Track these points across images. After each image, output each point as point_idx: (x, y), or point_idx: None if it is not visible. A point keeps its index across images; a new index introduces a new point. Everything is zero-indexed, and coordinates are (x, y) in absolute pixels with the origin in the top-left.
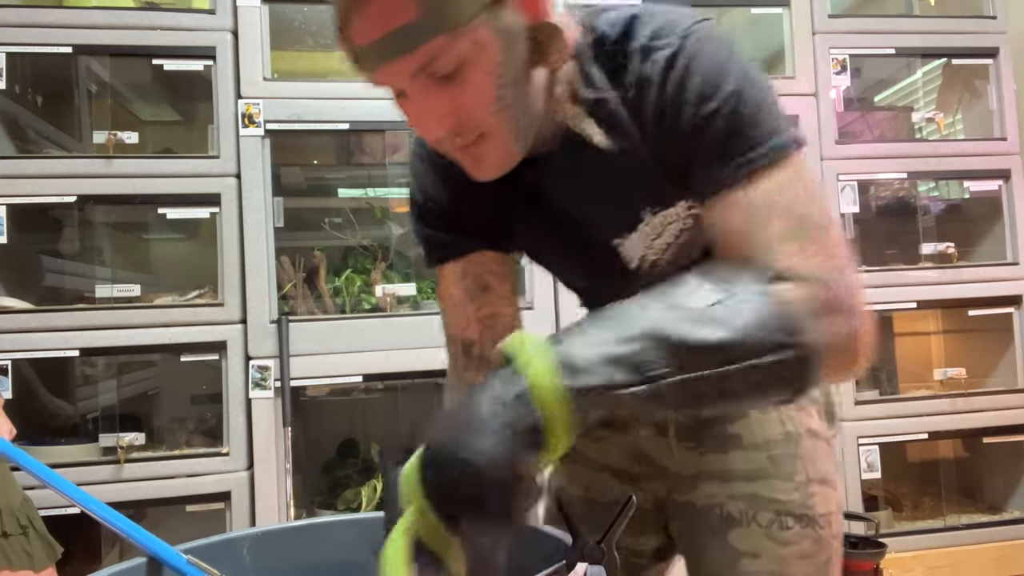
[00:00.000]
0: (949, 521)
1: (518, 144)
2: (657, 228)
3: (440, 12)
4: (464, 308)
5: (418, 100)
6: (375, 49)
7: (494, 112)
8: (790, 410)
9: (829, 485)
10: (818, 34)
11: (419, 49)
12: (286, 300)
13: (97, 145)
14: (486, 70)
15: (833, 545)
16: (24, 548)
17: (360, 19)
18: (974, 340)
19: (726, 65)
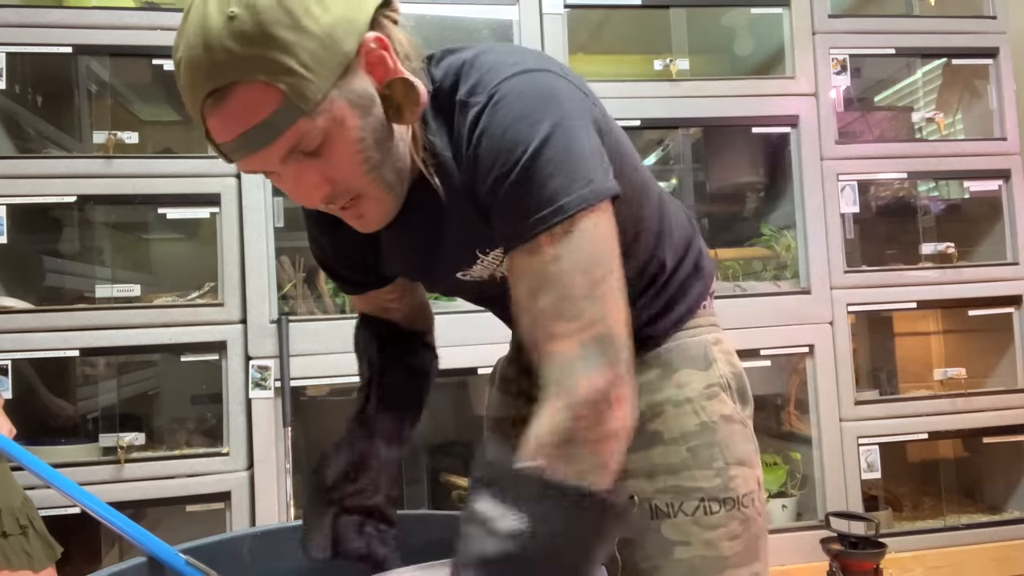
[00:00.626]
0: (949, 521)
1: (392, 196)
2: (492, 264)
3: (295, 100)
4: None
5: (291, 177)
6: (239, 144)
7: (363, 174)
8: (702, 400)
9: (748, 465)
10: (818, 34)
11: (281, 137)
12: (286, 300)
13: (97, 145)
14: (348, 139)
15: (759, 522)
16: (24, 548)
17: (218, 120)
18: (974, 340)
19: (518, 128)
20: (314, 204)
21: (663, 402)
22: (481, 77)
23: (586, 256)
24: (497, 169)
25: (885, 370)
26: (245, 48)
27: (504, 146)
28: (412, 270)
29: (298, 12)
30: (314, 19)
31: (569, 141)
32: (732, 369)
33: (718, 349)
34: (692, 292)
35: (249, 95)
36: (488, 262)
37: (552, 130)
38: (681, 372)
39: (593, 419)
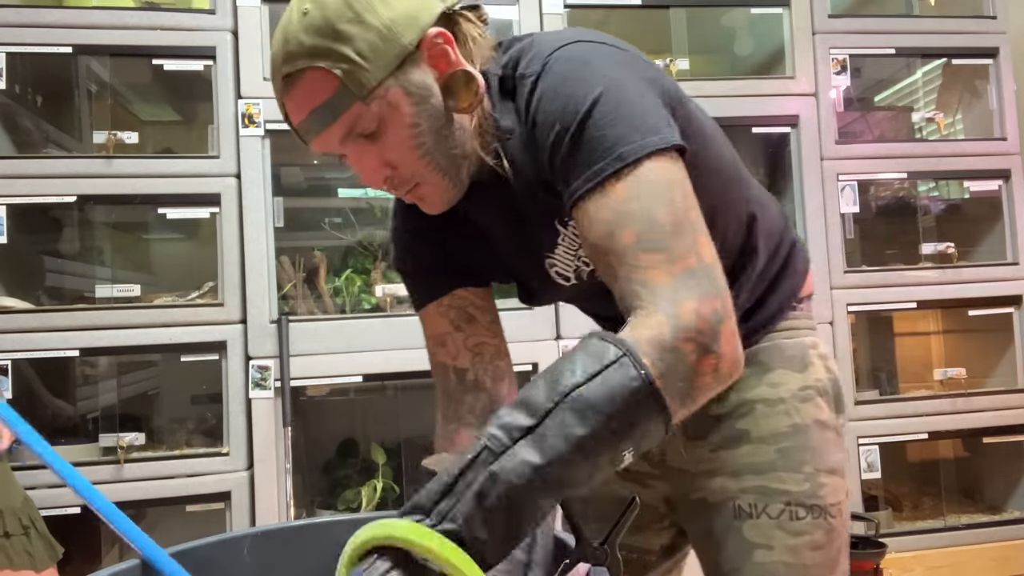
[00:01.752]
0: (949, 521)
1: (450, 182)
2: (576, 240)
3: (351, 86)
4: (453, 337)
5: (353, 159)
6: (305, 126)
7: (417, 160)
8: (796, 402)
9: (838, 475)
10: (818, 34)
11: (339, 119)
12: (286, 300)
13: (97, 145)
14: (402, 124)
15: (843, 535)
16: (26, 548)
17: (290, 103)
18: (974, 340)
19: (572, 84)
20: (377, 186)
21: (754, 400)
22: (537, 51)
23: (661, 193)
24: (557, 128)
25: (885, 370)
26: (312, 38)
27: (560, 105)
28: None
29: (360, 8)
30: (375, 15)
31: (625, 94)
32: (829, 374)
33: (815, 353)
34: (783, 289)
35: (313, 80)
36: (571, 237)
37: (608, 85)
38: (776, 372)
39: (697, 346)
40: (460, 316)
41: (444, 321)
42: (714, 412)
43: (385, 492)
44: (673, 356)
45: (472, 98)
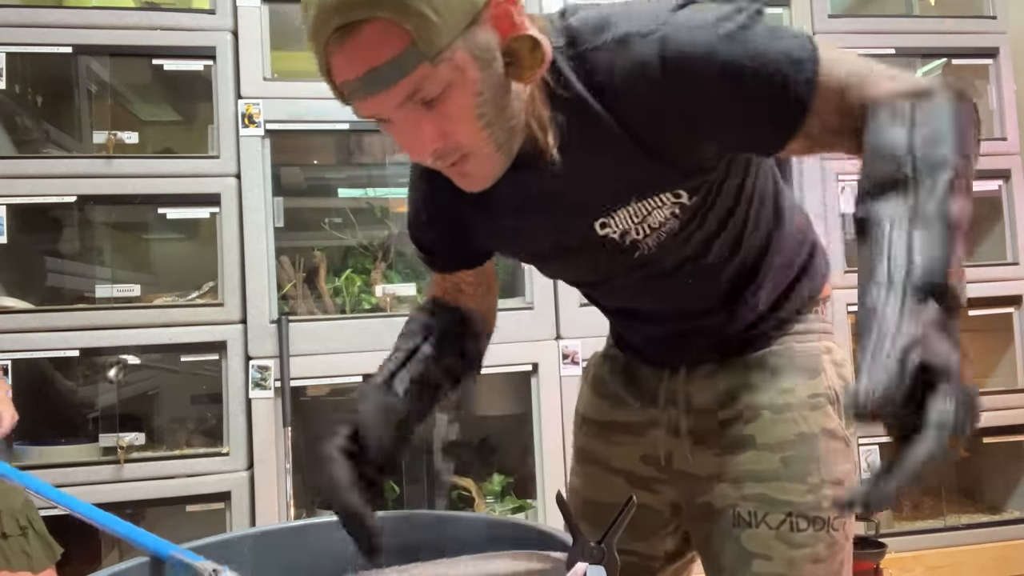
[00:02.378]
0: (949, 521)
1: (501, 157)
2: (641, 212)
3: (420, 43)
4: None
5: (404, 126)
6: (360, 84)
7: (477, 131)
8: (805, 410)
9: (844, 487)
10: (818, 34)
11: (403, 81)
12: (286, 300)
13: (97, 145)
14: (467, 91)
15: (846, 549)
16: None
17: (342, 57)
18: (974, 340)
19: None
20: (423, 157)
21: (762, 406)
22: (642, 15)
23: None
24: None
25: None
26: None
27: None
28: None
29: None
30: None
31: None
32: (842, 382)
33: (828, 359)
34: (800, 291)
35: (376, 33)
36: (638, 208)
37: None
38: (786, 378)
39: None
40: (453, 288)
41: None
42: (722, 416)
43: (385, 492)
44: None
45: (538, 67)
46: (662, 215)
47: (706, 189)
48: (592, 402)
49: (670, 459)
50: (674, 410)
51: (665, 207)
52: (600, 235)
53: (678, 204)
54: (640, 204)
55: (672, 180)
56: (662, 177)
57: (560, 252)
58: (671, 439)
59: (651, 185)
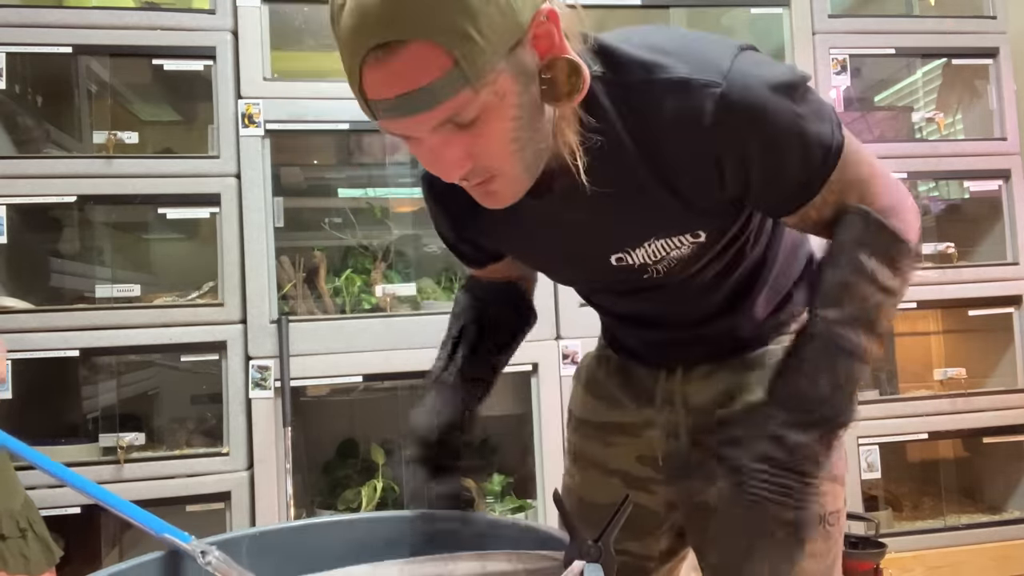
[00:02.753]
0: (949, 521)
1: (527, 178)
2: (660, 251)
3: (464, 68)
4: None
5: (434, 148)
6: (395, 104)
7: (509, 154)
8: None
9: (838, 482)
10: (818, 34)
11: (441, 106)
12: (286, 300)
13: (97, 145)
14: (505, 116)
15: (840, 543)
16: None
17: (379, 75)
18: (974, 340)
19: (778, 109)
20: (450, 179)
21: None
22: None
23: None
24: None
25: (885, 370)
26: (426, 3)
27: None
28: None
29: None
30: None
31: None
32: None
33: None
34: (796, 299)
35: (419, 55)
36: (655, 247)
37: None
38: None
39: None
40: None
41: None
42: (719, 415)
43: (385, 492)
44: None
45: (576, 92)
46: (679, 253)
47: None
48: (587, 403)
49: (666, 458)
50: (671, 410)
51: (684, 247)
52: (615, 266)
53: (696, 243)
54: (659, 243)
55: (693, 222)
56: (683, 218)
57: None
58: (667, 439)
59: (672, 226)
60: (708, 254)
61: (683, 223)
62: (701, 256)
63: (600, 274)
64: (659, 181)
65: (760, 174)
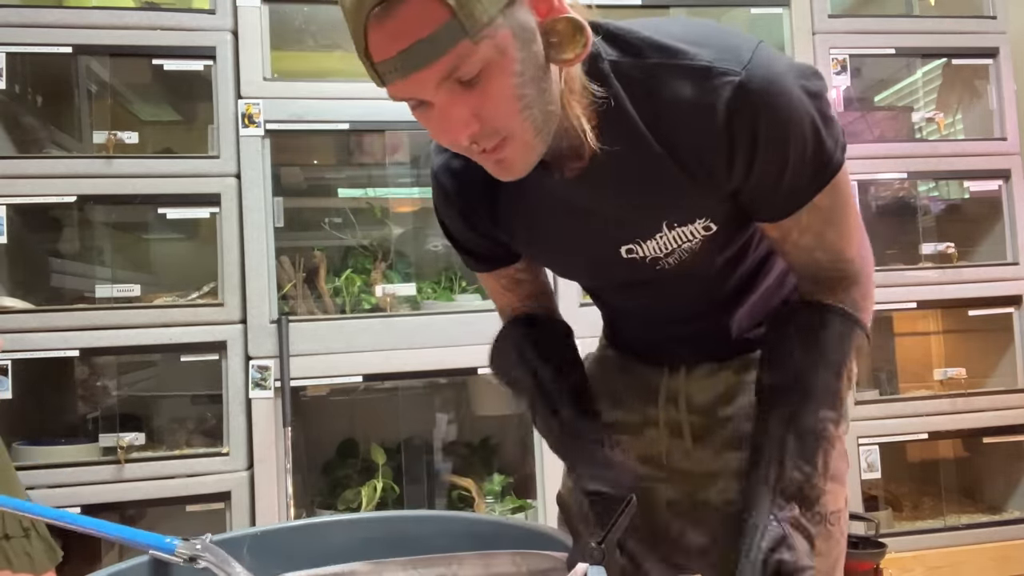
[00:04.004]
0: (949, 521)
1: (539, 142)
2: (671, 243)
3: (461, 19)
4: (505, 296)
5: (442, 108)
6: (399, 61)
7: (516, 112)
8: None
9: (839, 482)
10: (818, 34)
11: (443, 57)
12: (286, 300)
13: (97, 145)
14: (507, 71)
15: (841, 543)
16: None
17: (381, 34)
18: (974, 340)
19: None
20: (459, 142)
21: None
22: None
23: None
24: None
25: (885, 370)
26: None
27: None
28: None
29: None
30: None
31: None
32: None
33: None
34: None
35: (417, 9)
36: (667, 240)
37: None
38: None
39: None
40: (509, 282)
41: (495, 283)
42: (722, 414)
43: (385, 492)
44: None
45: (580, 49)
46: (690, 245)
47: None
48: None
49: (669, 457)
50: (674, 409)
51: (696, 238)
52: (625, 258)
53: (707, 236)
54: (672, 234)
55: (705, 210)
56: (696, 205)
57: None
58: (670, 437)
59: (685, 214)
60: (716, 248)
61: (695, 210)
62: (710, 250)
63: (610, 267)
64: (672, 164)
65: (762, 166)
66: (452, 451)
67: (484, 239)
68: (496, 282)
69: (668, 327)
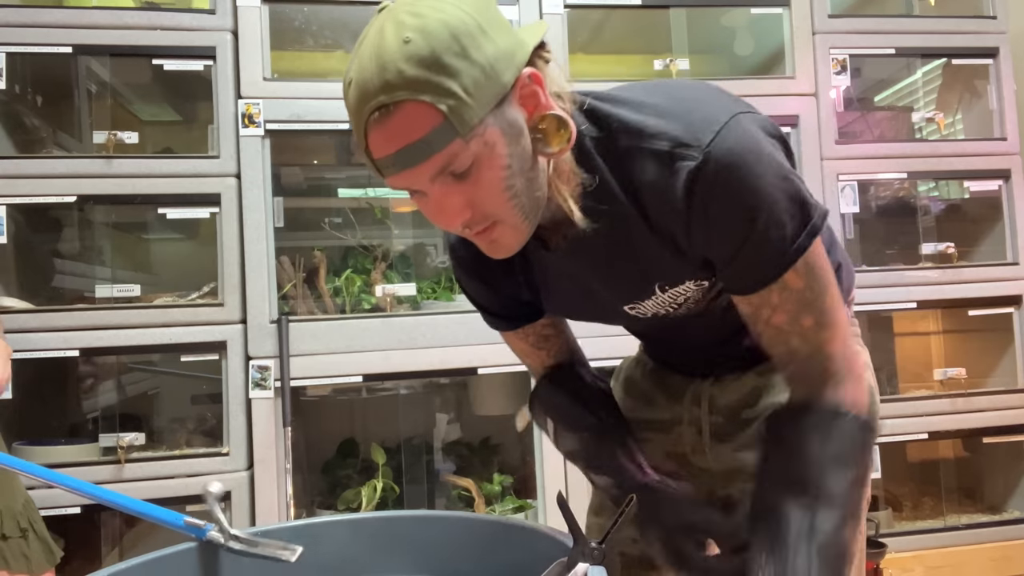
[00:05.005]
0: (949, 521)
1: (527, 225)
2: (667, 300)
3: (453, 121)
4: (535, 355)
5: (437, 198)
6: (396, 159)
7: (504, 201)
8: None
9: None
10: (818, 34)
11: (436, 156)
12: (286, 300)
13: (97, 145)
14: (496, 165)
15: (859, 542)
16: (23, 551)
17: (379, 135)
18: (974, 340)
19: (752, 185)
20: (454, 227)
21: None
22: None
23: (825, 277)
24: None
25: (885, 370)
26: (416, 70)
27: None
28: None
29: (467, 43)
30: (480, 51)
31: (790, 187)
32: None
33: None
34: None
35: (413, 113)
36: (663, 299)
37: (780, 173)
38: None
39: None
40: (537, 339)
41: (522, 343)
42: (745, 416)
43: (385, 492)
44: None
45: (564, 144)
46: (686, 297)
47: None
48: (623, 401)
49: (691, 455)
50: (697, 408)
51: (691, 292)
52: (631, 314)
53: (701, 287)
54: (666, 295)
55: (692, 273)
56: (681, 270)
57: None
58: (694, 436)
59: (673, 278)
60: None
61: (682, 274)
62: (712, 299)
63: (620, 319)
64: (653, 237)
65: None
66: (452, 451)
67: (507, 299)
68: (524, 342)
69: (692, 352)
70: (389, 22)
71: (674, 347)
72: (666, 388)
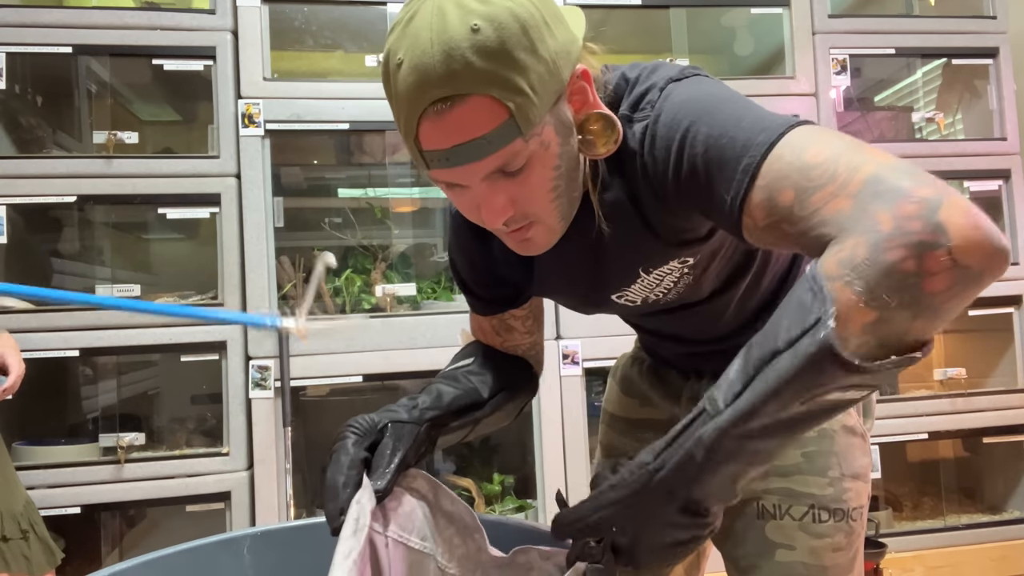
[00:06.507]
0: (949, 521)
1: (561, 227)
2: (653, 283)
3: (518, 119)
4: (489, 337)
5: (482, 195)
6: (452, 153)
7: (548, 202)
8: None
9: (862, 480)
10: (818, 34)
11: (496, 154)
12: (286, 300)
13: (97, 145)
14: (548, 164)
15: (862, 538)
16: (23, 553)
17: (436, 127)
18: (974, 340)
19: (680, 112)
20: (494, 225)
21: None
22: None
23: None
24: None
25: None
26: (485, 62)
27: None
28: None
29: (535, 36)
30: (546, 45)
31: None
32: None
33: None
34: None
35: (477, 109)
36: (648, 282)
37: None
38: None
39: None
40: (501, 327)
41: (487, 326)
42: None
43: None
44: (875, 270)
45: (612, 145)
46: (674, 278)
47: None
48: (621, 401)
49: None
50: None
51: (675, 271)
52: (619, 303)
53: (686, 264)
54: (651, 276)
55: (673, 253)
56: (664, 251)
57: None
58: None
59: (656, 259)
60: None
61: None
62: (704, 274)
63: (609, 307)
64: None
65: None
66: (452, 451)
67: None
68: (487, 323)
69: (687, 347)
70: (450, 3)
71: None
72: (663, 388)
